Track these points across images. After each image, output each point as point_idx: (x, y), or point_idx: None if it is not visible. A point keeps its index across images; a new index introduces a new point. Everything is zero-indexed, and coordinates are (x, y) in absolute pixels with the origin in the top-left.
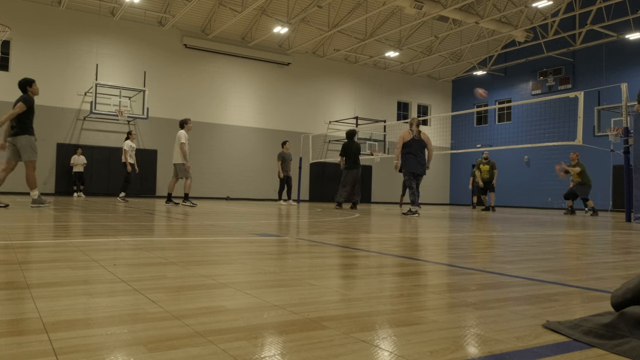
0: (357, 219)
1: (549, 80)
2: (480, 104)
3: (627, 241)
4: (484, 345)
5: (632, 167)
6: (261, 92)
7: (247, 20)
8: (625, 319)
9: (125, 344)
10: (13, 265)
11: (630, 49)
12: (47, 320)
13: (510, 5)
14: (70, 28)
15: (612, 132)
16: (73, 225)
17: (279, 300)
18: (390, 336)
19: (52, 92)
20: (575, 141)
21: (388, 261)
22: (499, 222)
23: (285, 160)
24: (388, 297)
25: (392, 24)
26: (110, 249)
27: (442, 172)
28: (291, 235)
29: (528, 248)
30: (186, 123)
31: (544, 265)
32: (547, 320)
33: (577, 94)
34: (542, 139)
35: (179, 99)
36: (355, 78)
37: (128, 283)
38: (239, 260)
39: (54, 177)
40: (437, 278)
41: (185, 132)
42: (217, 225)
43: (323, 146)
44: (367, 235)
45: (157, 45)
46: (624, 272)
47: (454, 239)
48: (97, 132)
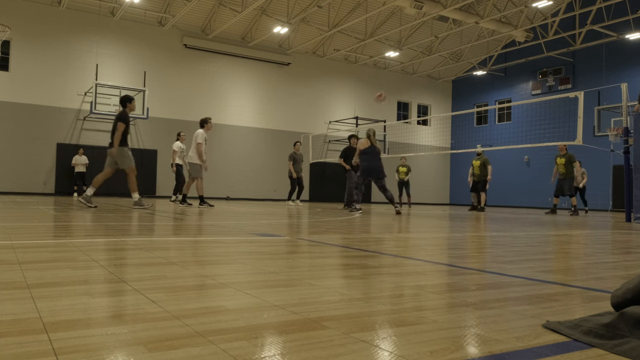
0: (357, 219)
1: (549, 80)
2: (480, 104)
3: (627, 241)
4: (484, 345)
5: (632, 167)
6: (261, 92)
7: (247, 20)
8: (625, 319)
9: (125, 344)
10: (13, 265)
11: (630, 49)
12: (47, 320)
13: (510, 5)
14: (70, 28)
15: (612, 132)
16: (73, 225)
17: (279, 300)
18: (390, 336)
19: (52, 92)
20: (575, 141)
21: (388, 261)
22: (499, 222)
23: (296, 161)
24: (388, 297)
25: (392, 24)
26: (110, 249)
27: (442, 172)
28: (291, 235)
29: (528, 248)
30: (206, 122)
31: (544, 265)
32: (547, 320)
33: (577, 94)
34: (542, 139)
35: (179, 99)
36: (355, 78)
37: (128, 283)
38: (239, 260)
39: (54, 177)
40: (437, 278)
41: (204, 132)
42: (217, 225)
43: (323, 146)
44: (366, 235)
45: (157, 45)
46: (624, 272)
47: (453, 239)
48: (97, 132)
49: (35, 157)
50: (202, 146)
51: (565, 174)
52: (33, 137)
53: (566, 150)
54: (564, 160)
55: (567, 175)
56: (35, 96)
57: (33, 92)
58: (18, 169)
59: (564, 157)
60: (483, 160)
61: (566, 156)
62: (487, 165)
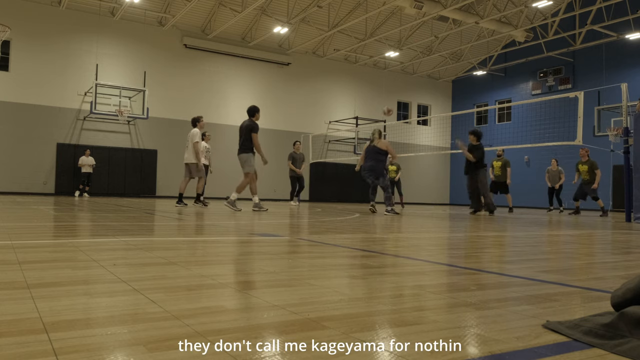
0: (357, 219)
1: (549, 80)
2: (480, 104)
3: (627, 241)
4: (484, 345)
5: (632, 167)
6: (261, 92)
7: (247, 20)
8: (625, 319)
9: (125, 344)
10: (13, 265)
11: (630, 49)
12: (47, 320)
13: (510, 5)
14: (70, 28)
15: (612, 132)
16: (73, 225)
17: (279, 300)
18: (390, 336)
19: (52, 92)
20: (575, 141)
21: (388, 261)
22: (499, 222)
23: (296, 160)
24: (388, 297)
25: (392, 24)
26: (110, 249)
27: (442, 172)
28: (291, 236)
29: (528, 248)
30: (198, 121)
31: (544, 265)
32: (547, 320)
33: (577, 94)
34: (542, 139)
35: (179, 99)
36: (355, 78)
37: (128, 283)
38: (238, 260)
39: (54, 177)
40: (437, 278)
41: (199, 130)
42: (217, 225)
43: (323, 146)
44: (366, 235)
45: (157, 45)
46: (624, 272)
47: (454, 239)
48: (97, 132)
49: (35, 157)
50: (199, 145)
51: (589, 180)
52: (33, 137)
53: (588, 157)
54: (587, 168)
55: (590, 181)
56: (35, 96)
57: (33, 92)
58: (18, 169)
59: (587, 164)
60: (504, 162)
61: (588, 163)
62: (508, 167)
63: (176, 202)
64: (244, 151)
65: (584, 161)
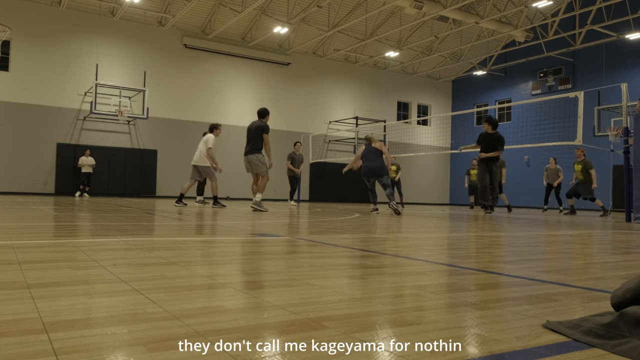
0: (357, 219)
1: (549, 80)
2: (480, 104)
3: (627, 241)
4: (484, 345)
5: (632, 167)
6: (261, 92)
7: (247, 20)
8: (626, 319)
9: (125, 344)
10: (13, 265)
11: (630, 49)
12: (47, 320)
13: (510, 5)
14: (70, 28)
15: (612, 132)
16: (73, 225)
17: (279, 300)
18: (390, 336)
19: (52, 92)
20: (575, 141)
21: (388, 261)
22: (499, 222)
23: (294, 161)
24: (388, 297)
25: (392, 24)
26: (110, 249)
27: (442, 172)
28: (291, 235)
29: (528, 248)
30: (216, 128)
31: (544, 265)
32: (547, 320)
33: (577, 94)
34: (542, 139)
35: (179, 99)
36: (355, 78)
37: (128, 283)
38: (239, 260)
39: (54, 177)
40: (437, 278)
41: (214, 137)
42: (217, 225)
43: (323, 146)
44: (366, 235)
45: (157, 45)
46: (624, 272)
47: (454, 239)
48: (97, 132)
49: (35, 157)
50: (212, 150)
51: (583, 180)
52: (33, 137)
53: (583, 157)
54: (581, 167)
55: (585, 181)
56: (35, 96)
57: (33, 92)
58: (18, 169)
59: (581, 163)
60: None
61: (582, 162)
62: (503, 167)
63: (175, 201)
64: (255, 152)
65: (579, 161)
